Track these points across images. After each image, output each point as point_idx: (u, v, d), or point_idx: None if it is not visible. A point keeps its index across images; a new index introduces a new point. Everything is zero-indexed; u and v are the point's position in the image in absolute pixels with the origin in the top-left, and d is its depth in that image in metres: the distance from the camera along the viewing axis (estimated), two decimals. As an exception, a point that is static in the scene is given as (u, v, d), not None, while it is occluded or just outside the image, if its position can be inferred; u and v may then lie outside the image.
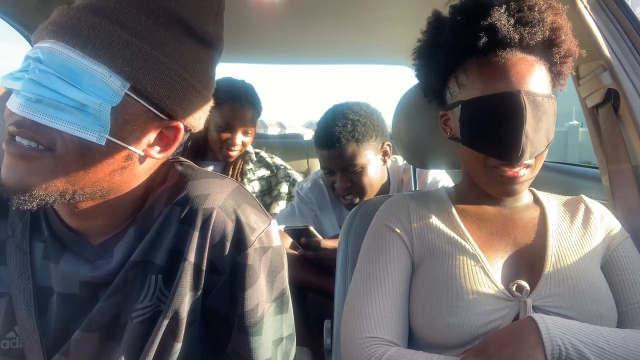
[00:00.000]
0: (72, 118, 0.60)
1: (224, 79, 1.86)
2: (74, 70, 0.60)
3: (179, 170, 0.75)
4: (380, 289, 0.85)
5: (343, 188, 1.51)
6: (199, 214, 0.69)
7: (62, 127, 0.59)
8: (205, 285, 0.70)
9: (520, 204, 0.93)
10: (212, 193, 0.71)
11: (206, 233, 0.69)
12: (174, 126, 0.68)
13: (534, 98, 0.80)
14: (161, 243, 0.69)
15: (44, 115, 0.59)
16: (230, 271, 0.70)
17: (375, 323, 0.82)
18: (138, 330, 0.69)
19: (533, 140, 0.81)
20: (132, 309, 0.69)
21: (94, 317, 0.68)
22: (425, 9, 0.95)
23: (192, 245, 0.69)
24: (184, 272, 0.68)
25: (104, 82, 0.60)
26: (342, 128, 1.48)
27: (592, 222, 0.91)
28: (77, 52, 0.60)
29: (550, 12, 0.85)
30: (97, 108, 0.60)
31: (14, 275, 0.70)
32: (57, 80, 0.59)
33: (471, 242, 0.86)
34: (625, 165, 1.07)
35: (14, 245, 0.71)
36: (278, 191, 1.91)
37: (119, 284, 0.69)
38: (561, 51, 0.86)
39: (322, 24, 1.84)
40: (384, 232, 0.92)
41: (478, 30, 0.82)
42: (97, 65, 0.60)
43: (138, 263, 0.69)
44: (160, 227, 0.70)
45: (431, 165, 1.12)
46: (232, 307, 0.71)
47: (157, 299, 0.69)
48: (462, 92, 0.86)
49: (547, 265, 0.83)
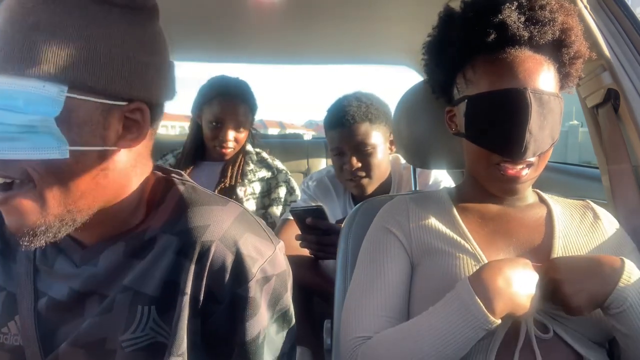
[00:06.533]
0: (27, 144, 0.57)
1: (217, 77, 1.88)
2: (9, 95, 0.56)
3: (179, 192, 0.72)
4: (375, 290, 0.85)
5: (354, 168, 1.53)
6: (196, 246, 0.66)
7: (21, 155, 0.57)
8: (204, 312, 0.68)
9: (524, 203, 0.92)
10: (212, 224, 0.68)
11: (204, 266, 0.66)
12: (135, 108, 0.63)
13: (540, 96, 0.80)
14: (155, 273, 0.67)
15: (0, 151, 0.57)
16: (229, 301, 0.67)
17: (368, 323, 0.83)
18: (134, 357, 0.66)
19: (537, 138, 0.80)
20: (121, 339, 0.66)
21: (80, 333, 0.67)
22: (426, 9, 0.96)
23: (189, 278, 0.66)
24: (183, 307, 0.66)
25: (39, 94, 0.56)
26: (356, 108, 1.54)
27: (600, 228, 0.90)
28: (2, 76, 0.56)
29: (561, 13, 0.84)
30: (43, 124, 0.57)
31: (20, 280, 0.71)
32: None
33: (471, 241, 0.86)
34: (625, 165, 1.07)
35: (24, 253, 0.71)
36: (277, 194, 1.90)
37: (107, 305, 0.67)
38: (571, 52, 0.86)
39: (322, 24, 1.84)
40: (381, 234, 0.91)
41: (488, 26, 0.82)
42: (27, 80, 0.56)
43: (128, 289, 0.67)
44: (155, 257, 0.67)
45: (431, 165, 1.12)
46: (232, 335, 0.69)
47: (151, 329, 0.67)
48: (469, 88, 0.86)
49: None
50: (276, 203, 1.89)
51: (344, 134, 1.54)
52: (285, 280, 0.73)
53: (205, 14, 1.69)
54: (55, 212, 0.61)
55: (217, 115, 1.76)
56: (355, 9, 1.66)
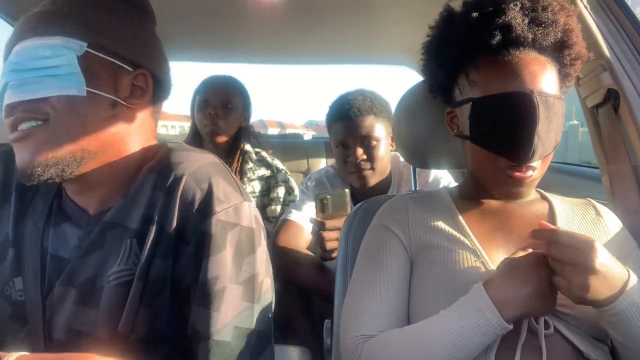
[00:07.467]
0: (52, 84, 0.70)
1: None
2: (38, 49, 0.71)
3: (167, 146, 0.81)
4: (375, 288, 0.85)
5: (358, 159, 1.56)
6: (169, 179, 0.74)
7: (46, 93, 0.69)
8: (175, 253, 0.72)
9: (526, 199, 0.92)
10: (185, 161, 0.76)
11: (175, 198, 0.72)
12: (141, 74, 0.77)
13: (546, 99, 0.80)
14: (136, 208, 0.74)
15: (29, 93, 0.69)
16: (195, 240, 0.72)
17: (368, 321, 0.82)
18: (116, 293, 0.71)
19: (544, 141, 0.80)
20: (108, 273, 0.72)
21: (72, 270, 0.73)
22: (426, 10, 0.95)
23: (160, 210, 0.73)
24: (152, 236, 0.72)
25: (63, 46, 0.71)
26: (361, 101, 1.59)
27: (602, 225, 0.90)
28: (33, 38, 0.71)
29: (563, 14, 0.84)
30: (68, 64, 0.70)
31: (27, 246, 0.77)
32: (29, 61, 0.70)
33: (471, 237, 0.86)
34: (625, 165, 1.07)
35: (32, 222, 0.79)
36: (276, 194, 1.90)
37: (97, 242, 0.73)
38: (572, 53, 0.86)
39: (322, 24, 1.84)
40: (380, 232, 0.92)
41: (493, 27, 0.82)
42: (54, 39, 0.71)
43: (116, 225, 0.74)
44: (135, 192, 0.75)
45: (431, 165, 1.12)
46: (195, 280, 0.72)
47: (132, 263, 0.72)
48: (473, 90, 0.85)
49: None
50: (275, 202, 1.90)
51: (349, 126, 1.57)
52: (253, 240, 0.76)
53: (205, 14, 1.69)
54: (67, 147, 0.71)
55: (206, 96, 1.86)
56: (356, 9, 1.66)
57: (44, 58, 0.70)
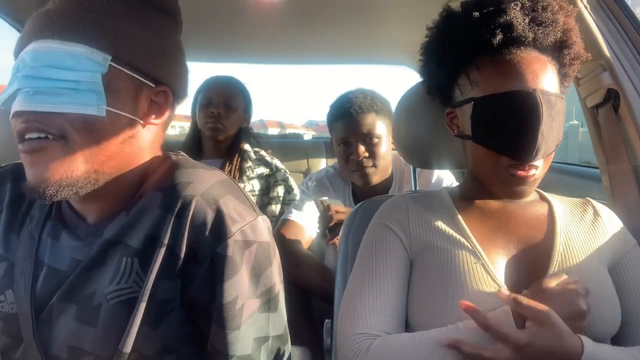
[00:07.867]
0: (70, 99, 0.65)
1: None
2: (59, 55, 0.65)
3: (172, 160, 0.79)
4: (374, 286, 0.85)
5: (360, 157, 1.57)
6: (178, 200, 0.71)
7: (62, 109, 0.65)
8: (185, 274, 0.70)
9: (525, 200, 0.92)
10: (194, 181, 0.73)
11: (185, 220, 0.70)
12: (162, 91, 0.74)
13: (549, 97, 0.80)
14: (139, 226, 0.71)
15: (44, 104, 0.64)
16: (210, 262, 0.70)
17: (368, 319, 0.82)
18: (115, 312, 0.69)
19: (548, 140, 0.80)
20: (106, 291, 0.70)
21: (72, 286, 0.71)
22: (426, 9, 0.95)
23: (168, 231, 0.70)
24: (159, 257, 0.69)
25: (87, 58, 0.66)
26: (362, 99, 1.60)
27: (600, 224, 0.90)
28: (56, 40, 0.66)
29: (562, 14, 0.85)
30: (89, 81, 0.66)
31: (20, 257, 0.75)
32: (47, 69, 0.65)
33: (471, 238, 0.86)
34: (625, 165, 1.07)
35: (27, 232, 0.76)
36: (276, 193, 1.91)
37: (98, 258, 0.71)
38: (571, 53, 0.86)
39: (322, 24, 1.84)
40: (380, 230, 0.91)
41: (494, 27, 0.82)
42: (77, 47, 0.66)
43: (116, 243, 0.71)
44: (140, 211, 0.72)
45: (430, 165, 1.12)
46: (212, 300, 0.71)
47: (133, 282, 0.70)
48: (474, 89, 0.85)
49: (552, 265, 0.83)
50: (275, 202, 1.90)
51: (351, 123, 1.58)
52: (269, 253, 0.75)
53: (206, 14, 1.69)
54: (83, 168, 0.67)
55: (208, 95, 1.88)
56: (356, 9, 1.66)
57: (65, 69, 0.65)
